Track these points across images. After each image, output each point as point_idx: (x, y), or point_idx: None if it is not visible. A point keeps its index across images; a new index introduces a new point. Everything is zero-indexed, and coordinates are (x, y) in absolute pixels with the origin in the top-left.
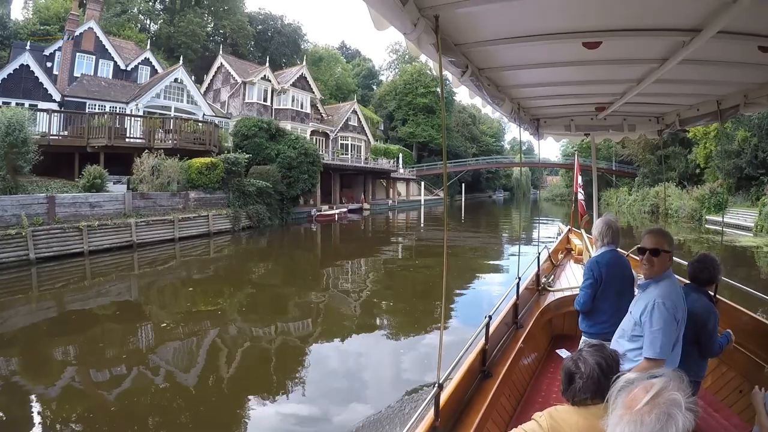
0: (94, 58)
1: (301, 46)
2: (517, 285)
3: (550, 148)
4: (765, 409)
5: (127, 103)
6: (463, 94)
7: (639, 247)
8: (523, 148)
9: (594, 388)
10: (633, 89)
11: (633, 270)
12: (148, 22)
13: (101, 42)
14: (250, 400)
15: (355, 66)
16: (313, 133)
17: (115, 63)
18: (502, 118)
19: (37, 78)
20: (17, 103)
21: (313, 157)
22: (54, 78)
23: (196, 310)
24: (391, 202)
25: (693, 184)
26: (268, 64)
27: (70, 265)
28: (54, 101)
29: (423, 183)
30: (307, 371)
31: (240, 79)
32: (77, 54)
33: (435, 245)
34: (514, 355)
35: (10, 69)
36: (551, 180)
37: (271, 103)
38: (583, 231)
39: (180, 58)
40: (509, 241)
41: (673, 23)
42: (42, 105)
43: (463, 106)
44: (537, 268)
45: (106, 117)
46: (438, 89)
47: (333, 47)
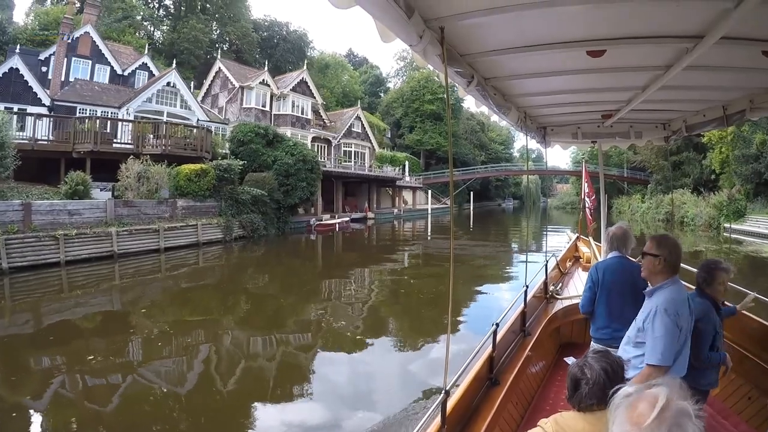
0: (91, 62)
1: (307, 53)
2: (525, 293)
3: (560, 156)
4: None
5: (119, 108)
6: (471, 101)
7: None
8: (533, 155)
9: (600, 394)
10: (639, 96)
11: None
12: (152, 28)
13: (98, 46)
14: (255, 407)
15: (362, 73)
16: (314, 139)
17: (112, 68)
18: (510, 126)
19: (27, 82)
20: (6, 107)
21: (311, 164)
22: (48, 82)
23: (184, 323)
24: (396, 211)
25: (708, 191)
26: (267, 68)
27: (46, 276)
28: (44, 105)
29: (430, 191)
30: (313, 379)
31: (238, 84)
32: (73, 58)
33: (442, 255)
34: (522, 363)
35: None
36: (561, 188)
37: (270, 108)
38: (591, 238)
39: (175, 63)
40: (518, 249)
41: (676, 30)
42: (31, 109)
43: (472, 113)
44: (545, 276)
45: (92, 121)
46: (451, 85)
47: (340, 55)
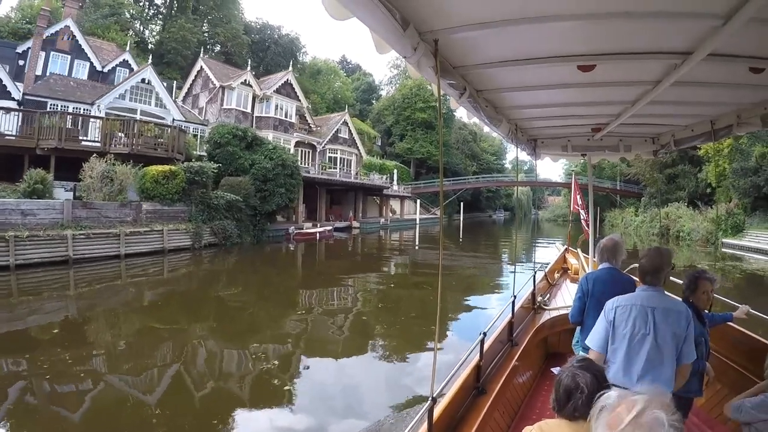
0: (70, 57)
1: (299, 58)
2: (513, 303)
3: (552, 168)
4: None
5: (91, 104)
6: (463, 111)
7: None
8: (525, 167)
9: (591, 403)
10: (628, 110)
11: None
12: (141, 27)
13: (77, 41)
14: (237, 417)
15: (354, 80)
16: (298, 144)
17: (92, 64)
18: (501, 137)
19: None
20: None
21: (291, 169)
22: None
23: (146, 336)
24: (383, 220)
25: (704, 204)
26: (249, 68)
27: None
28: (13, 99)
29: (419, 201)
30: (297, 390)
31: (218, 84)
32: (51, 53)
33: (430, 266)
34: (509, 372)
35: None
36: (553, 200)
37: (252, 110)
38: (579, 250)
39: (163, 63)
40: (507, 261)
41: (665, 47)
42: (0, 103)
43: (464, 123)
44: (533, 287)
45: (56, 117)
46: (443, 94)
47: (333, 61)
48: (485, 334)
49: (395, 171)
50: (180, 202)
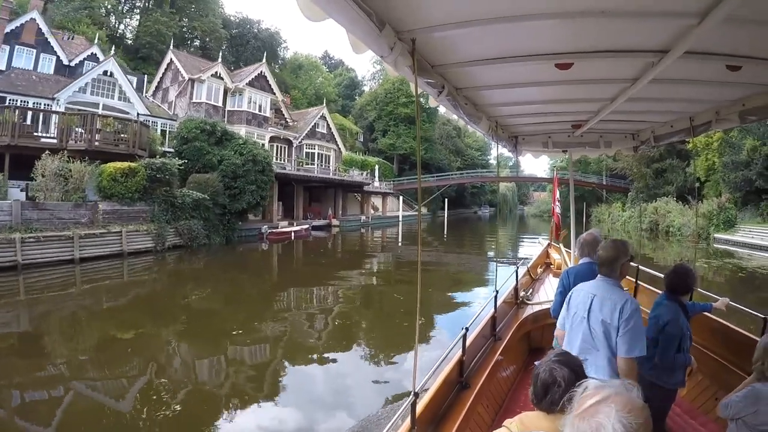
0: (35, 51)
1: (280, 53)
2: (495, 298)
3: (537, 163)
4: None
5: (53, 99)
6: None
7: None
8: (510, 163)
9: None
10: (607, 107)
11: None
12: (115, 21)
13: (44, 34)
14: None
15: (337, 76)
16: (273, 139)
17: (58, 58)
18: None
19: None
20: None
21: (263, 165)
22: None
23: (106, 346)
24: (364, 218)
25: (694, 199)
26: (220, 59)
27: None
28: None
29: (401, 198)
30: (279, 392)
31: (187, 76)
32: (16, 46)
33: (414, 265)
34: (492, 367)
35: None
36: (538, 196)
37: (224, 104)
38: (561, 245)
39: (138, 59)
40: (492, 257)
41: (641, 45)
42: None
43: (448, 119)
44: (515, 282)
45: (10, 112)
46: (421, 93)
47: (315, 56)
48: (467, 329)
49: (376, 167)
50: (141, 202)
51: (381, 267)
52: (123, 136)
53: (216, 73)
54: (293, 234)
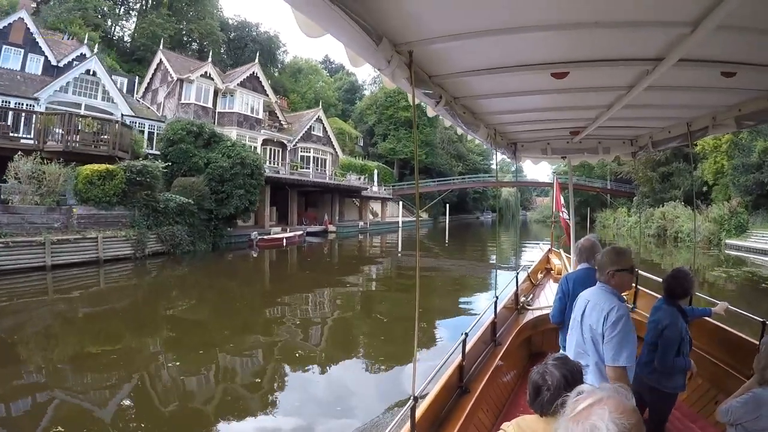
0: (23, 51)
1: (279, 57)
2: (495, 304)
3: (540, 168)
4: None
5: (35, 99)
6: None
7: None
8: (512, 168)
9: (557, 400)
10: (604, 114)
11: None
12: (111, 23)
13: (32, 34)
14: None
15: (337, 80)
16: (266, 142)
17: (46, 58)
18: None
19: None
20: None
21: (251, 168)
22: None
23: (83, 358)
24: (362, 224)
25: (702, 203)
26: (210, 59)
27: None
28: None
29: (401, 203)
30: (279, 394)
31: (176, 76)
32: (3, 46)
33: (413, 275)
34: (492, 372)
35: None
36: (541, 201)
37: (215, 105)
38: (561, 251)
39: (133, 61)
40: (494, 263)
41: (635, 54)
42: None
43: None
44: (516, 288)
45: None
46: (419, 103)
47: (316, 61)
48: (467, 334)
49: (375, 171)
50: (120, 206)
51: (377, 274)
52: (104, 137)
53: (206, 73)
54: (285, 241)
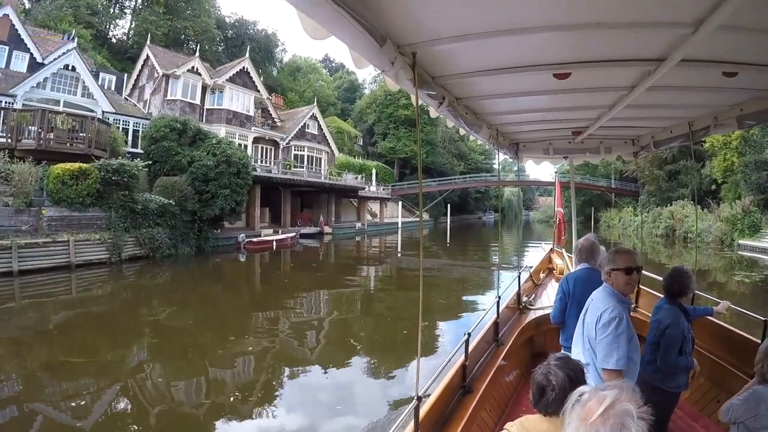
0: (7, 48)
1: (277, 55)
2: (497, 303)
3: (543, 167)
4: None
5: (13, 96)
6: None
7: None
8: (515, 168)
9: (564, 399)
10: (606, 114)
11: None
12: (105, 21)
13: (17, 31)
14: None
15: (336, 79)
16: (257, 140)
17: (32, 55)
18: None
19: None
20: None
21: (238, 167)
22: None
23: (56, 369)
24: (359, 224)
25: (712, 202)
26: (198, 54)
27: None
28: None
29: (401, 203)
30: (283, 395)
31: (162, 72)
32: None
33: (416, 278)
34: (495, 372)
35: None
36: (544, 201)
37: (203, 102)
38: (563, 250)
39: (116, 59)
40: (496, 263)
41: (637, 54)
42: None
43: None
44: (518, 288)
45: None
46: (421, 104)
47: (315, 59)
48: (470, 334)
49: (374, 171)
50: (95, 207)
51: (376, 275)
52: (81, 134)
53: (193, 68)
54: (275, 243)
